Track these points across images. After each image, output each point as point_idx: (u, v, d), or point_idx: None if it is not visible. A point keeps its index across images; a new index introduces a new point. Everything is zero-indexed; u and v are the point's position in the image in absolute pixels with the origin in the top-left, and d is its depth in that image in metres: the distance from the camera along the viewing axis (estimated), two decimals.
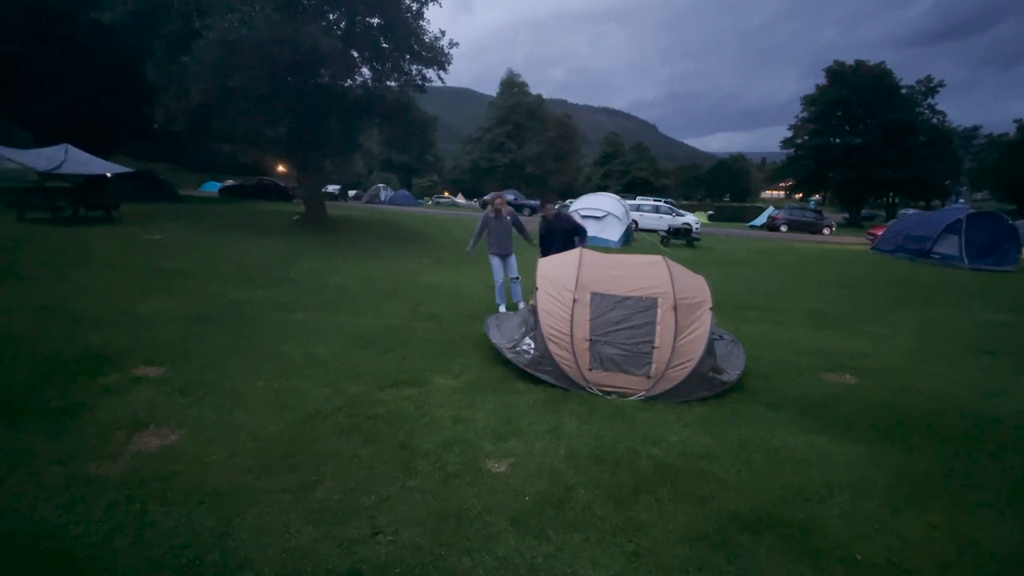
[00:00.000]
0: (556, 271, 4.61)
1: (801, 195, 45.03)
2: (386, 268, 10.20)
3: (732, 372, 4.44)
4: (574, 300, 4.17)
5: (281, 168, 34.97)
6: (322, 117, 14.90)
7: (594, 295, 4.21)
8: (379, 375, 4.22)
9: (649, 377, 3.95)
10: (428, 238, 16.25)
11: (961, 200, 46.41)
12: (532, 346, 4.36)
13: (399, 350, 4.95)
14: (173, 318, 5.51)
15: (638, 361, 3.99)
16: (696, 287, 4.45)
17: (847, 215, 41.05)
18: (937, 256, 15.37)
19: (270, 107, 13.98)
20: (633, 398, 3.93)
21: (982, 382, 4.92)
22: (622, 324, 4.08)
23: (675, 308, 4.09)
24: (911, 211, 32.56)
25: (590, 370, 4.02)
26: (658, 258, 4.72)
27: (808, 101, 40.36)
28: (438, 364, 4.60)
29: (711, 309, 4.29)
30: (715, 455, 3.17)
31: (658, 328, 4.04)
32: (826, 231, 29.77)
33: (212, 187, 36.12)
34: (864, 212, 41.77)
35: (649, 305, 4.12)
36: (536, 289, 4.50)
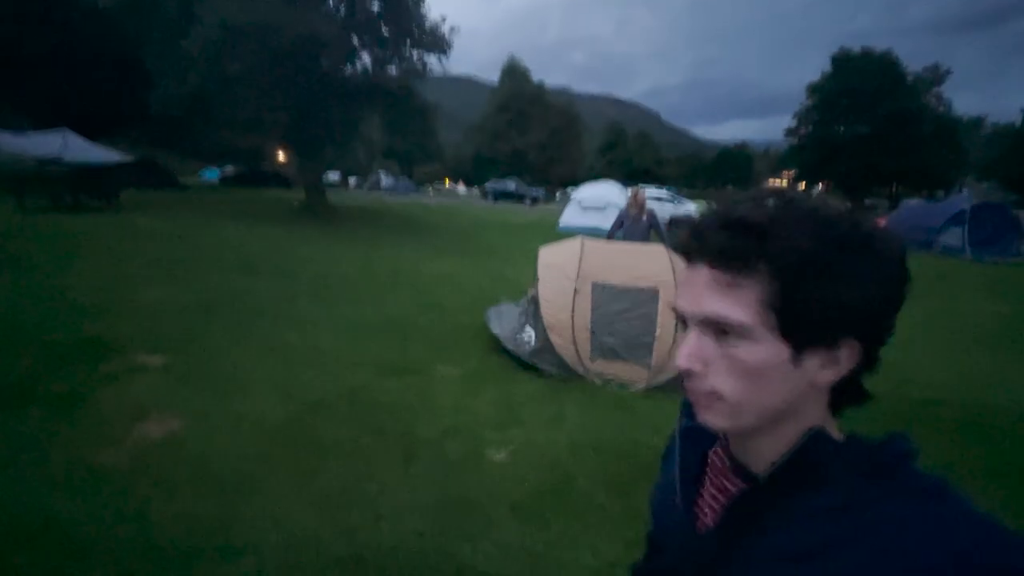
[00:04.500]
0: (558, 260, 4.58)
1: (804, 184, 44.75)
2: (387, 257, 10.17)
3: None
4: (575, 290, 4.16)
5: (281, 156, 34.78)
6: (322, 104, 14.80)
7: (596, 285, 4.20)
8: (381, 364, 4.23)
9: (650, 367, 3.96)
10: (429, 227, 16.19)
11: (965, 190, 46.06)
12: (533, 336, 4.35)
13: (401, 339, 4.96)
14: (175, 306, 5.51)
15: (639, 351, 3.99)
16: None
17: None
18: (940, 247, 15.30)
19: (270, 94, 13.87)
20: (634, 388, 3.93)
21: (983, 373, 4.93)
22: (623, 314, 4.07)
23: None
24: (914, 201, 32.36)
25: (591, 360, 4.02)
26: (660, 248, 4.69)
27: (813, 89, 39.94)
28: (440, 354, 4.61)
29: None
30: None
31: (659, 318, 4.03)
32: None
33: (212, 175, 35.78)
34: (867, 202, 41.54)
35: (651, 295, 4.11)
36: (537, 279, 4.49)
